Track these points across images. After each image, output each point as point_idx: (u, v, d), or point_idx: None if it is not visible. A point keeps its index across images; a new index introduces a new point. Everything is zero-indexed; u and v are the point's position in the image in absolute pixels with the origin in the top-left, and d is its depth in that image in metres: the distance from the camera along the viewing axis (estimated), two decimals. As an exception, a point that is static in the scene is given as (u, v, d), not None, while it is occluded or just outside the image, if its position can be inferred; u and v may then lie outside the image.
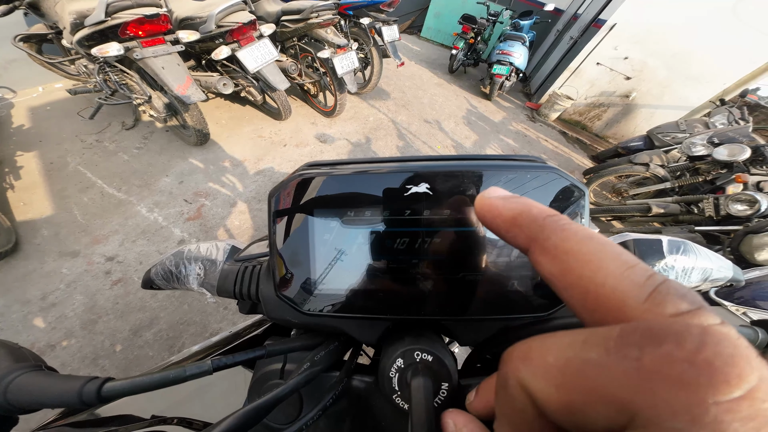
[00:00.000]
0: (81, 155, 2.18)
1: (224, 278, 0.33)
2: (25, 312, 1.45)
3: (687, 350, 0.07)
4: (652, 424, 0.07)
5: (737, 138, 2.22)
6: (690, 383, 0.06)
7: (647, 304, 0.09)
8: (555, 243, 0.11)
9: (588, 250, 0.11)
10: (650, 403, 0.07)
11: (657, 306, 0.09)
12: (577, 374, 0.08)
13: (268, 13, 2.44)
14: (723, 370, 0.06)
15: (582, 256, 0.10)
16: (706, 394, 0.06)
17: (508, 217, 0.14)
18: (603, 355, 0.08)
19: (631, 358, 0.07)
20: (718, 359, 0.06)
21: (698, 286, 0.32)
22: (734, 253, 1.70)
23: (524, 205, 0.14)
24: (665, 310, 0.08)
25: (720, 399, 0.06)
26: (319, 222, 0.24)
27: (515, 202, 0.14)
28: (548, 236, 0.12)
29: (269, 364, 0.30)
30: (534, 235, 0.12)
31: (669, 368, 0.07)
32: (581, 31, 4.12)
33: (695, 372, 0.07)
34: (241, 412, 0.20)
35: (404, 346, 0.24)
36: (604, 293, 0.10)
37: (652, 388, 0.07)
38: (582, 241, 0.11)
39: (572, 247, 0.11)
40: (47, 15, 1.90)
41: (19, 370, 0.20)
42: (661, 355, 0.07)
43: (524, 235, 0.13)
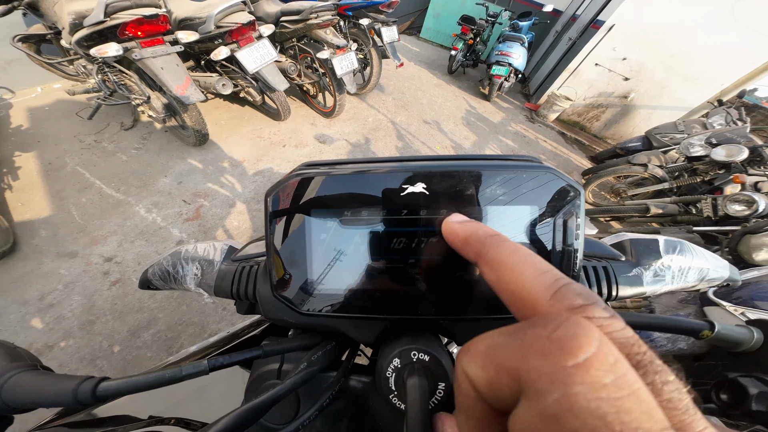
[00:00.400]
0: (79, 155, 2.17)
1: (221, 278, 0.33)
2: (23, 313, 1.44)
3: (548, 330, 0.09)
4: (529, 386, 0.09)
5: (735, 138, 2.23)
6: (547, 353, 0.09)
7: (552, 301, 0.11)
8: (492, 257, 0.15)
9: (513, 260, 0.14)
10: (527, 368, 0.09)
11: (558, 302, 0.11)
12: (492, 355, 0.11)
13: (268, 14, 2.44)
14: (567, 343, 0.09)
15: (509, 266, 0.14)
16: (557, 360, 0.08)
17: (462, 237, 0.18)
18: (506, 338, 0.10)
19: (518, 338, 0.10)
20: (566, 336, 0.09)
21: (695, 285, 0.32)
22: (732, 254, 1.70)
23: (473, 228, 0.18)
24: (563, 305, 0.11)
25: (565, 364, 0.08)
26: (316, 222, 0.24)
27: (468, 225, 0.18)
28: (487, 251, 0.15)
29: (266, 364, 0.30)
30: (479, 250, 0.16)
31: (536, 343, 0.09)
32: (580, 32, 4.14)
33: (550, 345, 0.09)
34: (237, 412, 0.20)
35: (401, 345, 0.24)
36: (522, 294, 0.12)
37: (527, 357, 0.09)
38: (510, 254, 0.14)
39: (503, 259, 0.14)
40: (46, 15, 1.90)
41: (14, 369, 0.20)
42: (534, 334, 0.09)
43: (473, 251, 0.16)
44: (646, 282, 0.31)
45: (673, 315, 1.11)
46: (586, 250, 0.34)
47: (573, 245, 0.23)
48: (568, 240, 0.23)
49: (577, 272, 0.23)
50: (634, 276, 0.31)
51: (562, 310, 0.11)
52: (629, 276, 0.31)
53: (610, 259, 0.32)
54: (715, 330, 0.28)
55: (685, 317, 0.89)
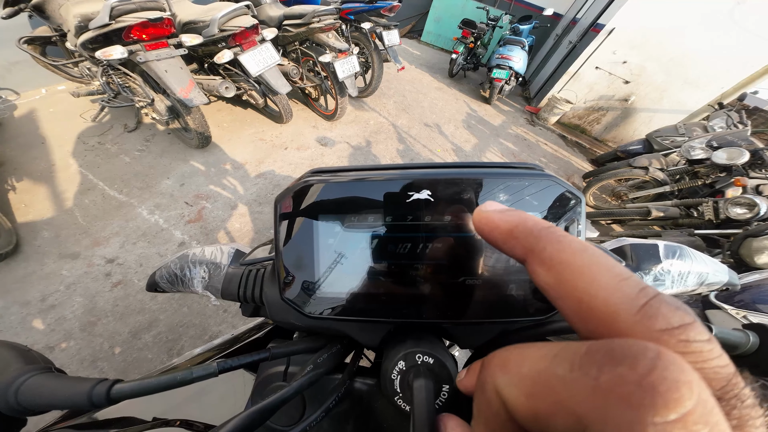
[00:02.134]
0: (83, 157, 2.19)
1: (228, 281, 0.34)
2: (24, 313, 1.45)
3: (638, 373, 0.07)
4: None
5: (736, 141, 2.23)
6: (635, 403, 0.07)
7: (638, 317, 0.09)
8: (551, 254, 0.12)
9: (582, 261, 0.11)
10: (601, 418, 0.07)
11: (648, 319, 0.09)
12: (544, 386, 0.09)
13: (270, 18, 2.46)
14: (665, 394, 0.07)
15: (576, 268, 0.11)
16: (647, 414, 0.07)
17: (505, 229, 0.14)
18: (568, 371, 0.08)
19: (591, 376, 0.08)
20: (663, 384, 0.07)
21: (695, 289, 0.33)
22: (734, 257, 1.70)
23: (520, 217, 0.14)
24: (656, 324, 0.09)
25: (658, 420, 0.07)
26: (323, 227, 0.24)
27: (511, 214, 0.14)
28: (544, 247, 0.12)
29: (272, 366, 0.30)
30: (530, 246, 0.13)
31: (620, 388, 0.07)
32: (580, 36, 4.16)
33: (641, 394, 0.07)
34: (245, 414, 0.20)
35: (406, 348, 0.24)
36: (596, 305, 0.10)
37: (604, 405, 0.07)
38: (577, 252, 0.11)
39: (567, 259, 0.11)
40: (52, 18, 1.92)
41: (29, 372, 0.21)
42: (615, 375, 0.08)
43: (521, 246, 0.13)
44: None
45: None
46: None
47: None
48: None
49: None
50: None
51: (655, 331, 0.09)
52: None
53: None
54: (712, 333, 0.28)
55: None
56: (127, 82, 1.95)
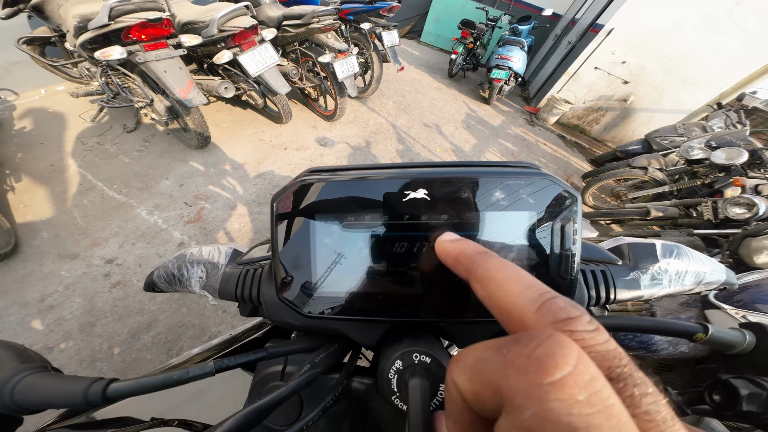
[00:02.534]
0: (82, 157, 2.18)
1: (226, 281, 0.34)
2: (23, 314, 1.44)
3: (529, 348, 0.09)
4: (509, 401, 0.09)
5: (735, 141, 2.23)
6: (526, 371, 0.09)
7: (537, 315, 0.12)
8: (481, 273, 0.15)
9: (501, 276, 0.14)
10: (507, 385, 0.09)
11: (543, 316, 0.12)
12: (478, 370, 0.11)
13: (270, 18, 2.46)
14: (545, 362, 0.09)
15: (497, 282, 0.14)
16: (535, 378, 0.09)
17: (453, 255, 0.18)
18: (492, 354, 0.11)
19: (502, 354, 0.10)
20: (544, 355, 0.09)
21: (692, 288, 0.33)
22: (733, 257, 1.70)
23: (463, 246, 0.18)
24: (548, 318, 0.11)
25: (542, 382, 0.08)
26: (320, 226, 0.24)
27: (458, 244, 0.19)
28: (477, 268, 0.16)
29: (270, 366, 0.30)
30: (468, 268, 0.16)
31: (517, 360, 0.09)
32: (579, 36, 4.17)
33: (529, 363, 0.09)
34: (242, 413, 0.20)
35: (403, 348, 0.24)
36: (510, 308, 0.13)
37: (508, 374, 0.09)
38: (498, 269, 0.15)
39: (492, 275, 0.15)
40: (51, 18, 1.92)
41: (25, 371, 0.21)
42: (516, 351, 0.10)
43: (464, 268, 0.17)
44: (643, 285, 0.31)
45: (673, 318, 1.11)
46: (584, 255, 0.34)
47: (570, 250, 0.23)
48: (566, 245, 0.23)
49: (575, 276, 0.24)
50: (632, 280, 0.31)
51: (547, 324, 0.11)
52: (627, 279, 0.31)
53: (609, 263, 0.33)
54: (709, 333, 0.29)
55: (686, 320, 0.89)
56: (126, 82, 1.95)
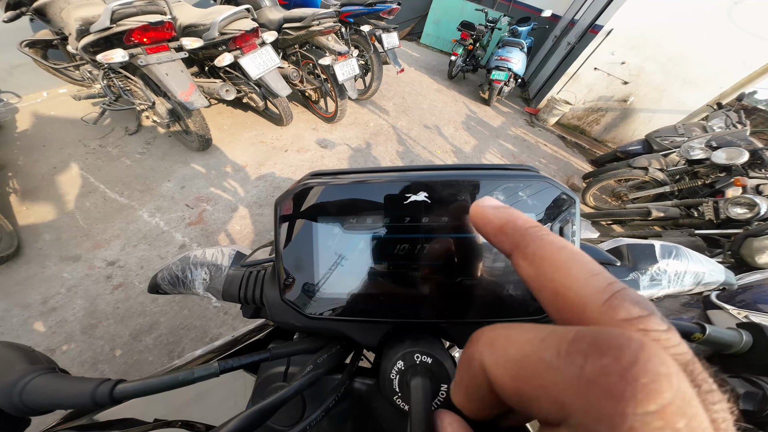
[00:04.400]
0: (84, 160, 2.20)
1: (229, 283, 0.34)
2: (25, 316, 1.45)
3: (621, 365, 0.08)
4: (581, 424, 0.08)
5: (735, 141, 2.23)
6: (618, 395, 0.07)
7: (604, 308, 0.10)
8: (533, 250, 0.13)
9: (560, 257, 0.12)
10: (583, 407, 0.08)
11: (612, 310, 0.10)
12: (530, 370, 0.09)
13: (270, 21, 2.48)
14: (646, 386, 0.07)
15: (554, 263, 0.12)
16: (628, 405, 0.07)
17: (497, 224, 0.15)
18: (554, 357, 0.09)
19: (576, 365, 0.08)
20: (645, 376, 0.07)
21: (691, 289, 0.33)
22: (735, 257, 1.69)
23: (511, 215, 0.15)
24: (618, 314, 0.10)
25: (638, 411, 0.07)
26: (322, 228, 0.25)
27: (504, 211, 0.15)
28: (528, 244, 0.13)
29: (273, 367, 0.30)
30: (517, 242, 0.14)
31: (604, 379, 0.08)
32: (578, 37, 4.17)
33: (624, 385, 0.07)
34: (245, 414, 0.21)
35: (404, 348, 0.25)
36: (569, 296, 0.11)
37: (588, 394, 0.08)
38: (556, 249, 0.12)
39: (547, 255, 0.12)
40: (53, 21, 1.93)
41: (34, 372, 0.21)
42: (600, 366, 0.08)
43: (509, 241, 0.14)
44: (642, 286, 0.31)
45: (675, 318, 1.11)
46: None
47: None
48: None
49: None
50: (631, 280, 0.31)
51: (617, 321, 0.09)
52: (626, 280, 0.31)
53: (608, 264, 0.33)
54: (706, 333, 0.29)
55: (687, 320, 0.89)
56: (128, 85, 1.96)
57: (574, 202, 0.23)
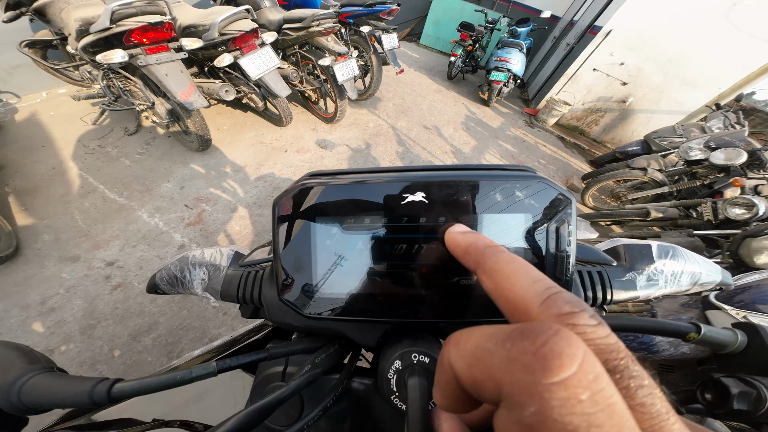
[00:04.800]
0: (83, 160, 2.19)
1: (228, 283, 0.34)
2: (24, 317, 1.45)
3: (535, 345, 0.09)
4: (509, 396, 0.09)
5: (733, 142, 2.24)
6: (531, 369, 0.09)
7: (542, 308, 0.12)
8: (490, 266, 0.16)
9: (509, 270, 0.14)
10: (509, 381, 0.09)
11: (548, 309, 0.12)
12: (479, 359, 0.11)
13: (270, 22, 2.48)
14: (551, 361, 0.09)
15: (505, 275, 0.14)
16: (539, 377, 0.09)
17: (463, 247, 0.18)
18: (494, 346, 0.10)
19: (506, 348, 0.10)
20: (551, 353, 0.09)
21: (688, 289, 0.33)
22: (733, 257, 1.69)
23: (474, 238, 0.19)
24: (552, 311, 0.12)
25: (546, 381, 0.08)
26: (321, 228, 0.25)
27: (469, 236, 0.19)
28: (486, 261, 0.16)
29: (271, 366, 0.30)
30: (477, 260, 0.17)
31: (522, 357, 0.09)
32: (577, 38, 4.19)
33: (534, 361, 0.09)
34: (243, 413, 0.21)
35: (402, 348, 0.25)
36: (517, 301, 0.13)
37: (511, 370, 0.09)
38: (507, 263, 0.15)
39: (500, 269, 0.15)
40: (53, 21, 1.93)
41: (32, 371, 0.21)
42: (520, 347, 0.10)
43: (473, 260, 0.17)
44: (639, 286, 0.31)
45: (674, 318, 1.11)
46: (581, 256, 0.35)
47: (566, 251, 0.24)
48: (561, 246, 0.24)
49: (570, 276, 0.24)
50: (628, 280, 0.31)
51: (551, 316, 0.11)
52: (623, 280, 0.31)
53: (605, 264, 0.33)
54: (701, 333, 0.29)
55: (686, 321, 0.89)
56: (127, 85, 1.96)
57: (571, 203, 0.23)
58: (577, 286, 0.30)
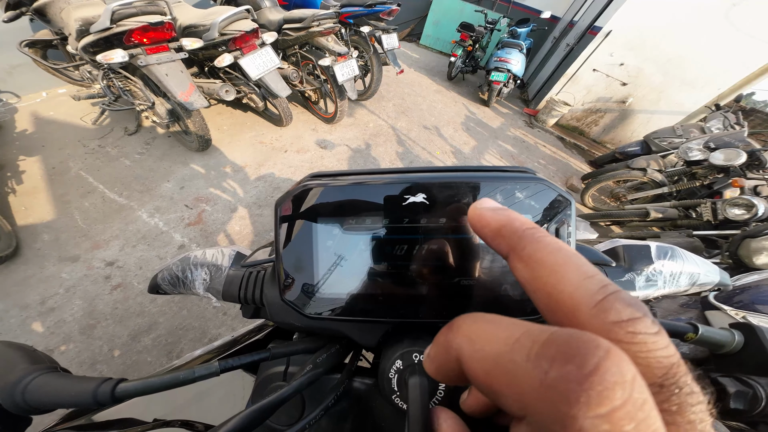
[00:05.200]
0: (83, 160, 2.19)
1: (229, 283, 0.34)
2: (23, 316, 1.45)
3: (582, 373, 0.08)
4: (538, 422, 0.08)
5: (733, 143, 2.24)
6: (573, 400, 0.08)
7: (595, 310, 0.10)
8: (529, 252, 0.13)
9: (555, 260, 0.12)
10: (543, 408, 0.08)
11: (603, 312, 0.10)
12: (501, 369, 0.10)
13: (270, 22, 2.48)
14: (600, 393, 0.07)
15: (549, 266, 0.12)
16: (580, 410, 0.07)
17: (495, 227, 0.15)
18: (524, 360, 0.09)
19: (542, 369, 0.09)
20: (600, 384, 0.08)
21: (687, 289, 0.33)
22: (732, 257, 1.70)
23: (509, 217, 0.15)
24: (609, 316, 0.10)
25: (588, 414, 0.07)
26: (322, 229, 0.25)
27: (502, 213, 0.15)
28: (524, 246, 0.13)
29: (272, 366, 0.30)
30: (513, 244, 0.14)
31: (563, 386, 0.08)
32: (577, 38, 4.19)
33: (580, 392, 0.08)
34: (245, 413, 0.21)
35: (403, 348, 0.25)
36: (562, 298, 0.11)
37: (547, 398, 0.08)
38: (552, 252, 0.12)
39: (543, 257, 0.12)
40: (53, 21, 1.93)
41: (36, 371, 0.21)
42: (562, 373, 0.08)
43: (506, 243, 0.14)
44: (638, 287, 0.32)
45: (673, 319, 1.11)
46: None
47: None
48: None
49: None
50: (627, 281, 0.32)
51: (607, 324, 0.10)
52: (622, 281, 0.32)
53: (604, 265, 0.33)
54: (699, 333, 0.29)
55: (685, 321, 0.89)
56: (127, 85, 1.96)
57: (570, 204, 0.24)
58: None
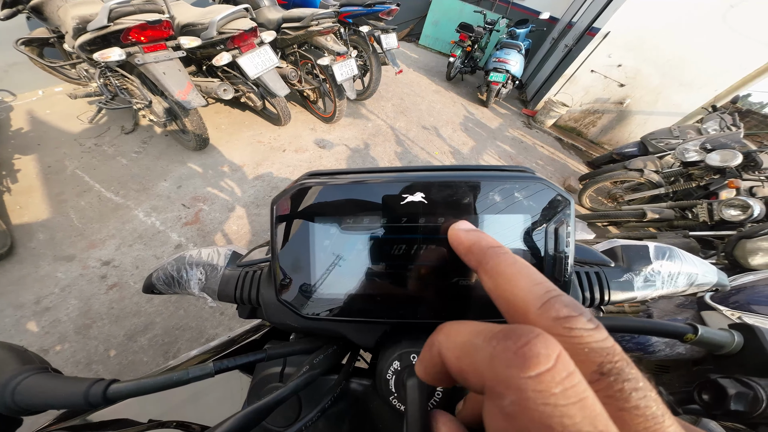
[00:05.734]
0: (79, 159, 2.18)
1: (225, 283, 0.34)
2: (18, 316, 1.43)
3: (516, 345, 0.10)
4: (491, 388, 0.10)
5: (729, 144, 2.26)
6: (511, 364, 0.10)
7: (540, 311, 0.12)
8: (492, 266, 0.16)
9: (511, 271, 0.15)
10: (492, 375, 0.10)
11: (546, 312, 0.12)
12: (467, 353, 0.12)
13: (269, 21, 2.47)
14: (529, 359, 0.10)
15: (506, 276, 0.15)
16: (517, 371, 0.10)
17: (467, 245, 0.18)
18: (481, 342, 0.11)
19: (491, 346, 0.11)
20: (529, 352, 0.10)
21: (685, 290, 0.33)
22: (728, 258, 1.71)
23: (478, 237, 0.19)
24: (550, 314, 0.12)
25: (522, 375, 0.09)
26: (319, 228, 0.25)
27: (473, 234, 0.19)
28: (488, 261, 0.16)
29: (269, 367, 0.30)
30: (479, 259, 0.17)
31: (504, 354, 0.10)
32: (576, 39, 4.21)
33: (515, 358, 0.10)
34: (241, 414, 0.21)
35: (401, 348, 0.25)
36: (516, 302, 0.13)
37: (494, 366, 0.10)
38: (509, 265, 0.15)
39: (502, 270, 0.15)
40: (50, 19, 1.92)
41: (26, 372, 0.21)
42: (504, 346, 0.10)
43: (475, 258, 0.17)
44: (636, 287, 0.32)
45: (669, 319, 1.12)
46: (579, 257, 0.35)
47: (564, 252, 0.24)
48: (560, 247, 0.24)
49: (569, 277, 0.24)
50: (626, 281, 0.32)
51: (549, 320, 0.12)
52: (620, 281, 0.32)
53: (602, 265, 0.33)
54: (698, 333, 0.29)
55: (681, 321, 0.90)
56: (124, 84, 1.94)
57: (569, 204, 0.23)
58: (575, 286, 0.31)
